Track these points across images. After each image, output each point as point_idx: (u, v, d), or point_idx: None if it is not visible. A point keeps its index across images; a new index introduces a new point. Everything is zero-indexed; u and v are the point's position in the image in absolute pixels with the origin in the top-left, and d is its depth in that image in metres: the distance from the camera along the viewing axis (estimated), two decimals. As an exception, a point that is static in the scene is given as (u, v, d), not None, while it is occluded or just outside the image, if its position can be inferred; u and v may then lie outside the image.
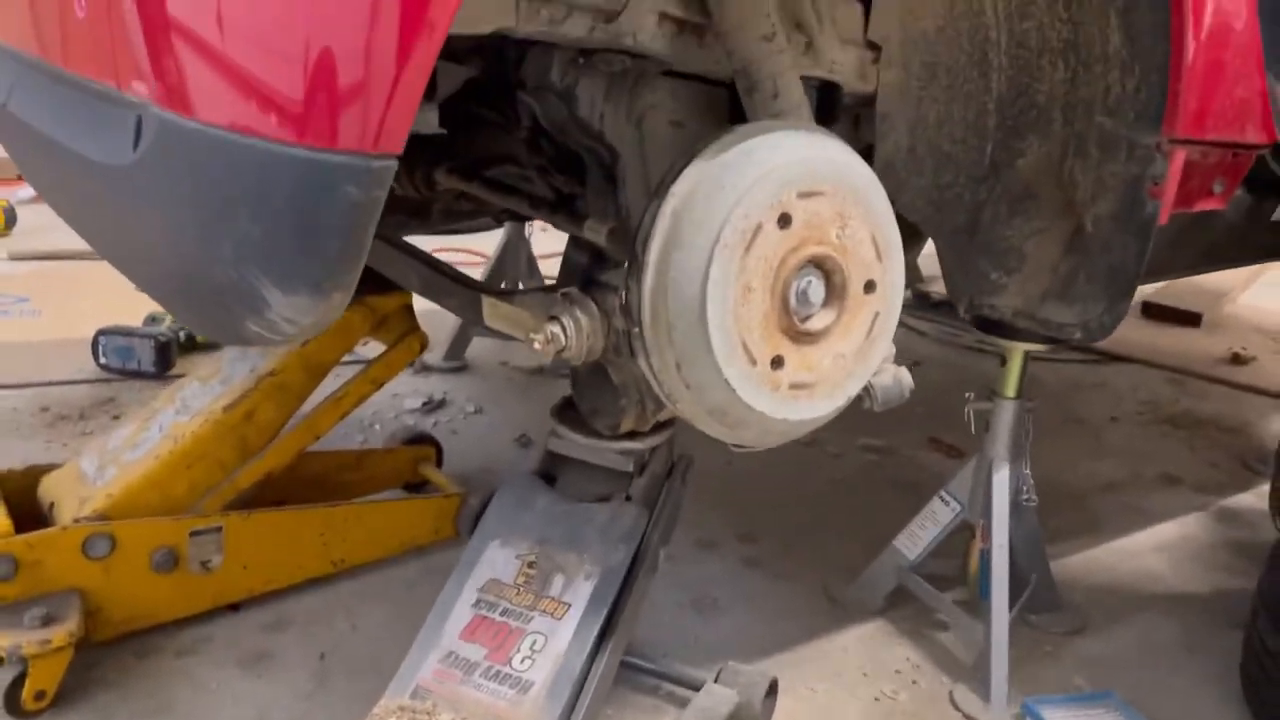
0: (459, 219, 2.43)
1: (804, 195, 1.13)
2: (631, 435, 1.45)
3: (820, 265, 1.16)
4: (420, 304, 2.05)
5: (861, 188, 1.19)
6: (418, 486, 2.39)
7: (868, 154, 1.58)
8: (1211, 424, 3.35)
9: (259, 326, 0.90)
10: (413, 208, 2.18)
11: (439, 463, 2.44)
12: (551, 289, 1.28)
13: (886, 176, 1.55)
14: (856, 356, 1.22)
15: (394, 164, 0.79)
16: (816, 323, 1.17)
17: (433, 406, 2.98)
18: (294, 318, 0.85)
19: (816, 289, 1.16)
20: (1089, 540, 2.48)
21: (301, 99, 0.77)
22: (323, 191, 0.78)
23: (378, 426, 2.81)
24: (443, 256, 4.71)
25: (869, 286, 1.20)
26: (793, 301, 1.14)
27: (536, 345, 1.18)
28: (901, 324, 4.23)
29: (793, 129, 1.18)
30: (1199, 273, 1.90)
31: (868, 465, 2.83)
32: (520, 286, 3.34)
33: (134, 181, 1.04)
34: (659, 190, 1.14)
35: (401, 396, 2.99)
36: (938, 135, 1.57)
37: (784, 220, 1.12)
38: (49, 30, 1.20)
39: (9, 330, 3.39)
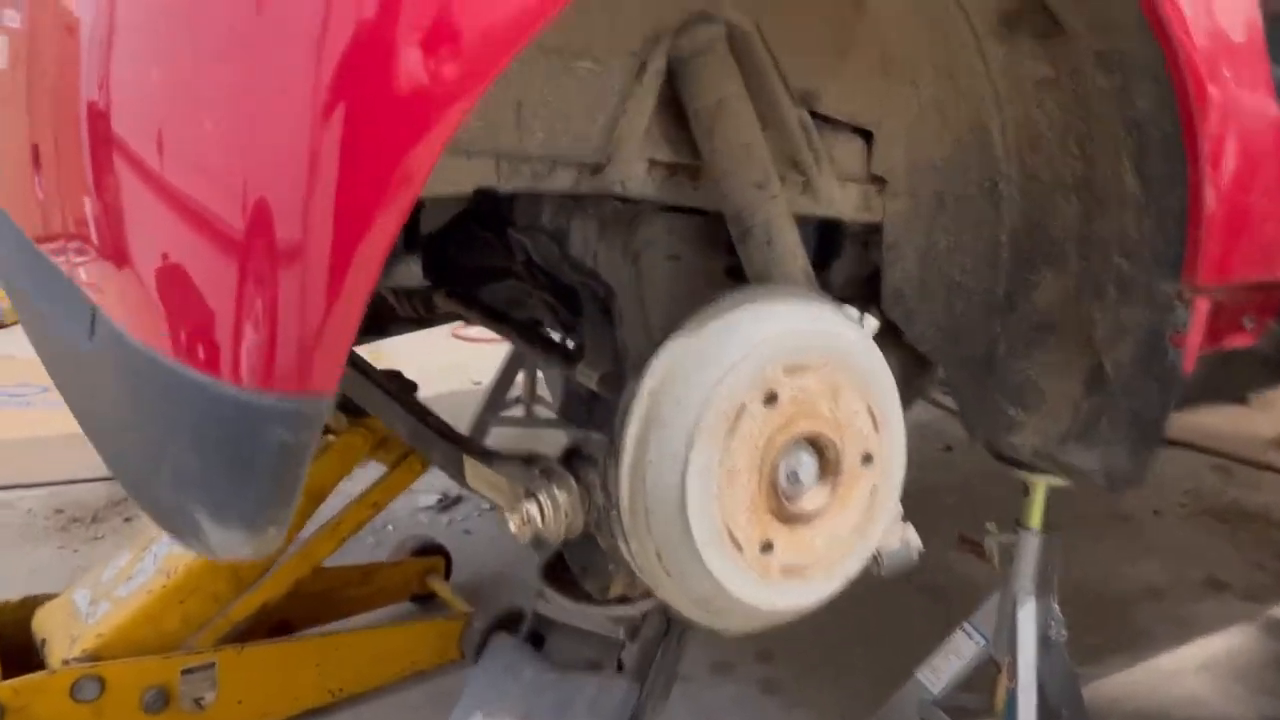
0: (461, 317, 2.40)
1: (790, 370, 1.06)
2: (622, 599, 1.38)
3: (812, 441, 1.09)
4: (432, 389, 2.00)
5: (854, 356, 1.11)
6: (426, 598, 2.34)
7: (876, 277, 1.52)
8: (1261, 518, 3.19)
9: (199, 547, 0.85)
10: (415, 319, 2.15)
11: (448, 573, 2.39)
12: (532, 459, 1.22)
13: (895, 305, 1.49)
14: (854, 534, 1.14)
15: (327, 403, 0.74)
16: (809, 503, 1.09)
17: (447, 504, 2.94)
18: (230, 549, 0.80)
19: (808, 467, 1.09)
20: (1128, 658, 2.35)
21: (230, 338, 0.72)
22: (251, 432, 0.73)
23: (390, 527, 2.76)
24: (463, 331, 4.67)
25: (866, 459, 1.13)
26: (782, 482, 1.07)
27: (512, 528, 1.12)
28: (933, 404, 4.03)
29: (778, 295, 1.12)
30: (1230, 403, 1.80)
31: (894, 568, 2.72)
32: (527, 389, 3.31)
33: (90, 369, 1.01)
34: (639, 367, 1.08)
35: (416, 493, 2.94)
36: (948, 264, 1.50)
37: (770, 398, 1.05)
38: (22, 204, 1.18)
39: (30, 422, 3.41)
